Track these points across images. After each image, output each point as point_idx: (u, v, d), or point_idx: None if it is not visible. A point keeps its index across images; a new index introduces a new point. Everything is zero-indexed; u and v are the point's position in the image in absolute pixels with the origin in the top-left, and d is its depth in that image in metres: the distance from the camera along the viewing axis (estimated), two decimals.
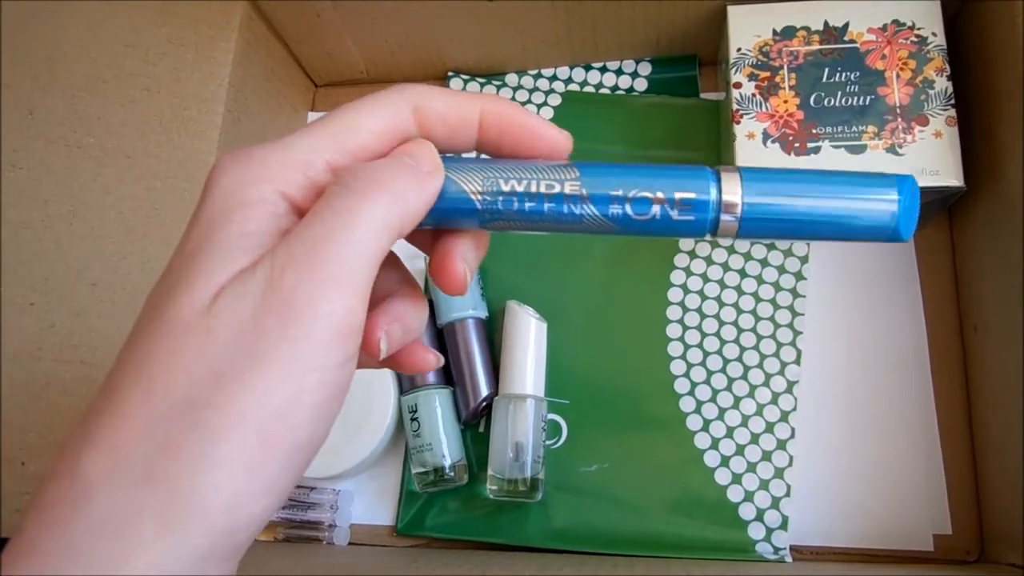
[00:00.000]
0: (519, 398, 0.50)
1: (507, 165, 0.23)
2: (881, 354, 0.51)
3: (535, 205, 0.22)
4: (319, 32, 0.58)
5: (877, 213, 0.22)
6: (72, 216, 0.48)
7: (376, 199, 0.20)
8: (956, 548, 0.47)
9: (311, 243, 0.19)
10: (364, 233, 0.20)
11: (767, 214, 0.22)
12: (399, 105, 0.22)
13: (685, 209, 0.22)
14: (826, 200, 0.22)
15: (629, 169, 0.23)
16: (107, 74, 0.51)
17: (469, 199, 0.22)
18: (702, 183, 0.22)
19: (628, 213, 0.22)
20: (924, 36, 0.48)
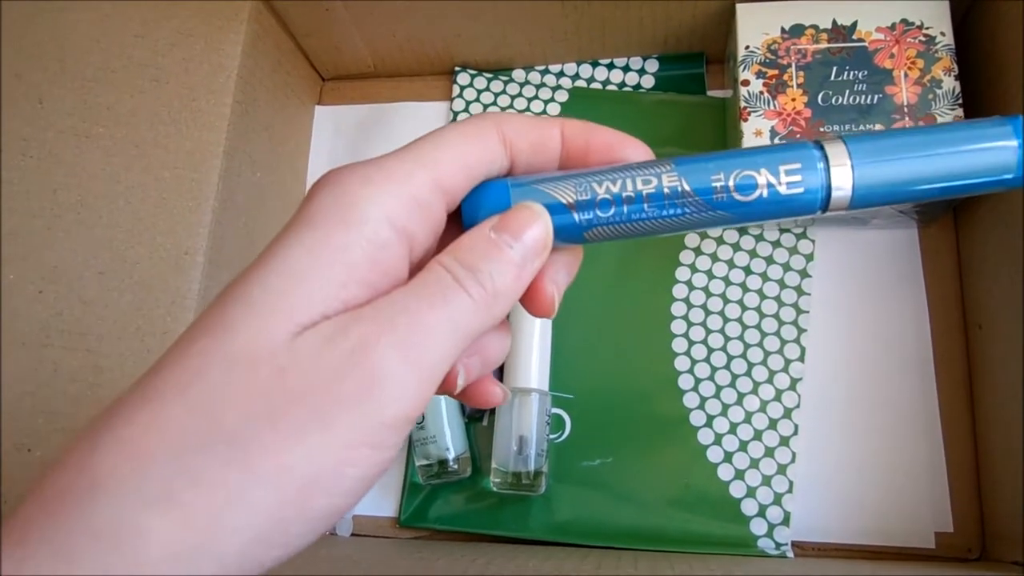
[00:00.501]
0: (524, 392, 0.50)
1: (597, 170, 0.22)
2: (885, 352, 0.51)
3: (634, 206, 0.21)
4: (327, 26, 0.58)
5: (998, 161, 0.21)
6: (81, 205, 0.48)
7: (478, 302, 0.20)
8: (958, 546, 0.47)
9: (414, 322, 0.19)
10: (462, 332, 0.20)
11: (879, 183, 0.21)
12: (486, 126, 0.22)
13: (793, 182, 0.21)
14: (940, 157, 0.21)
15: (726, 154, 0.22)
16: (117, 65, 0.51)
17: (565, 211, 0.21)
18: (807, 154, 0.21)
19: (733, 196, 0.21)
20: (932, 36, 0.48)
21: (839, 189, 0.21)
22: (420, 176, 0.20)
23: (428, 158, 0.21)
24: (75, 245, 0.48)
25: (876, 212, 0.50)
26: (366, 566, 0.44)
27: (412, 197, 0.20)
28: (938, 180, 0.21)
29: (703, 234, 0.55)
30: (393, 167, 0.20)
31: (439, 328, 0.19)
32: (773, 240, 0.54)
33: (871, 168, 0.21)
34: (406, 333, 0.19)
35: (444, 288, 0.20)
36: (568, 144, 0.23)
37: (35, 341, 0.46)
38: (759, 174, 0.21)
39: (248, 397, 0.18)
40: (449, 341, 0.20)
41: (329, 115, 0.64)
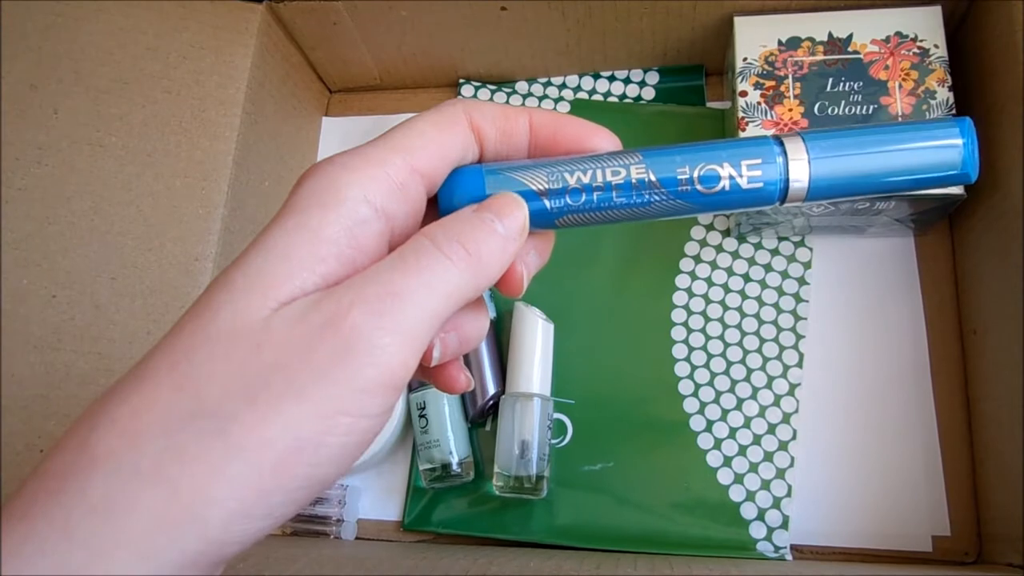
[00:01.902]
0: (526, 397, 0.51)
1: (568, 160, 0.23)
2: (882, 357, 0.51)
3: (603, 194, 0.22)
4: (334, 39, 0.60)
5: (944, 158, 0.22)
6: (94, 212, 0.49)
7: (460, 267, 0.20)
8: (955, 549, 0.48)
9: (386, 289, 0.19)
10: (440, 297, 0.20)
11: (834, 176, 0.22)
12: (455, 112, 0.23)
13: (754, 177, 0.22)
14: (891, 153, 0.22)
15: (691, 147, 0.23)
16: (130, 76, 0.52)
17: (537, 198, 0.22)
18: (767, 149, 0.22)
19: (697, 189, 0.22)
20: (926, 48, 0.49)
21: (796, 182, 0.22)
22: (396, 161, 0.21)
23: (403, 144, 0.22)
24: (88, 251, 0.49)
25: (872, 220, 0.51)
26: (370, 565, 0.44)
27: (389, 178, 0.21)
28: (890, 175, 0.22)
29: (703, 242, 0.56)
30: (370, 153, 0.21)
31: (416, 293, 0.19)
32: (772, 248, 0.55)
33: (827, 163, 0.22)
34: (378, 299, 0.19)
35: (421, 255, 0.20)
36: (536, 132, 0.24)
37: (48, 344, 0.47)
38: (722, 167, 0.22)
39: (227, 374, 0.18)
40: (428, 305, 0.20)
41: (336, 126, 0.66)
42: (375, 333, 0.19)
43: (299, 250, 0.20)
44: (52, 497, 0.17)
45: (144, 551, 0.17)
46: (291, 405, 0.18)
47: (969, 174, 0.22)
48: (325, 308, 0.19)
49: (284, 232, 0.20)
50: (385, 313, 0.19)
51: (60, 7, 0.53)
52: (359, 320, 0.19)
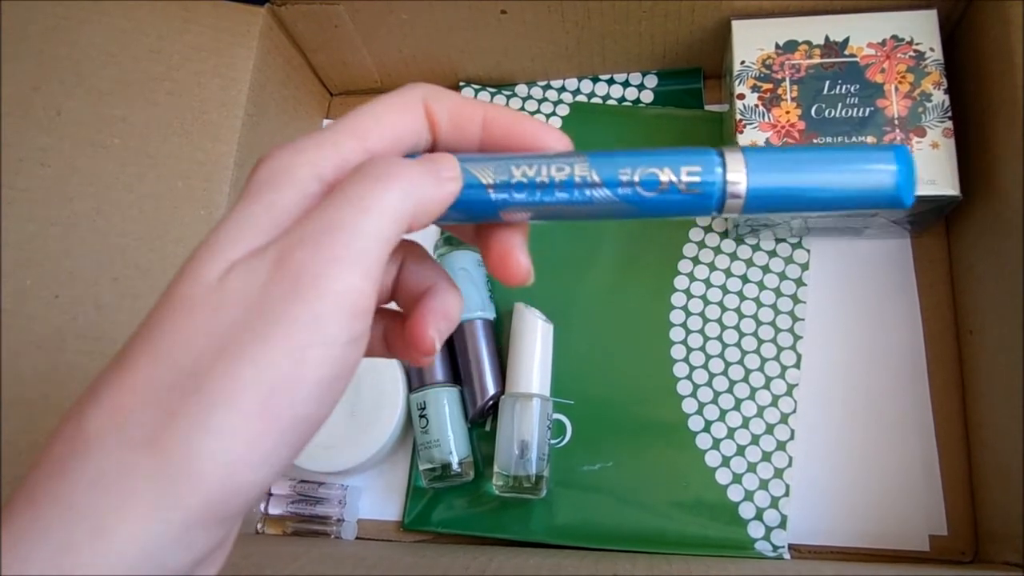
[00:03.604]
0: (525, 397, 0.51)
1: (517, 156, 0.24)
2: (879, 358, 0.52)
3: (547, 191, 0.23)
4: (335, 41, 0.60)
5: (878, 183, 0.23)
6: (96, 213, 0.50)
7: (392, 186, 0.21)
8: (952, 549, 0.48)
9: (324, 223, 0.20)
10: (377, 217, 0.20)
11: (771, 191, 0.23)
12: (412, 98, 0.23)
13: (692, 185, 0.23)
14: (827, 175, 0.23)
15: (636, 153, 0.23)
16: (132, 78, 0.53)
17: (482, 188, 0.23)
18: (708, 159, 0.23)
19: (638, 192, 0.23)
20: (922, 51, 0.50)
21: (734, 196, 0.23)
22: (349, 143, 0.22)
23: (356, 127, 0.22)
24: (90, 252, 0.49)
25: (869, 222, 0.51)
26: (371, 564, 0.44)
27: (342, 159, 0.22)
28: (825, 193, 0.23)
29: (701, 243, 0.56)
30: (323, 136, 0.22)
31: (354, 219, 0.20)
32: (769, 249, 0.55)
33: (764, 178, 0.23)
34: (318, 233, 0.20)
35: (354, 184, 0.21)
36: (489, 129, 0.24)
37: (51, 345, 0.47)
38: (663, 172, 0.23)
39: (195, 336, 0.19)
40: (368, 228, 0.20)
41: None
42: (320, 265, 0.19)
43: (253, 219, 0.20)
44: (52, 479, 0.18)
45: (148, 517, 0.17)
46: (258, 350, 0.18)
47: (902, 198, 0.23)
48: (270, 254, 0.19)
49: (238, 210, 0.21)
50: (324, 244, 0.19)
51: (62, 9, 0.53)
52: (302, 255, 0.19)
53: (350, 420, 0.53)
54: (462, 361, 0.54)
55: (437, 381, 0.53)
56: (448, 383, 0.54)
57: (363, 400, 0.53)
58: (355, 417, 0.53)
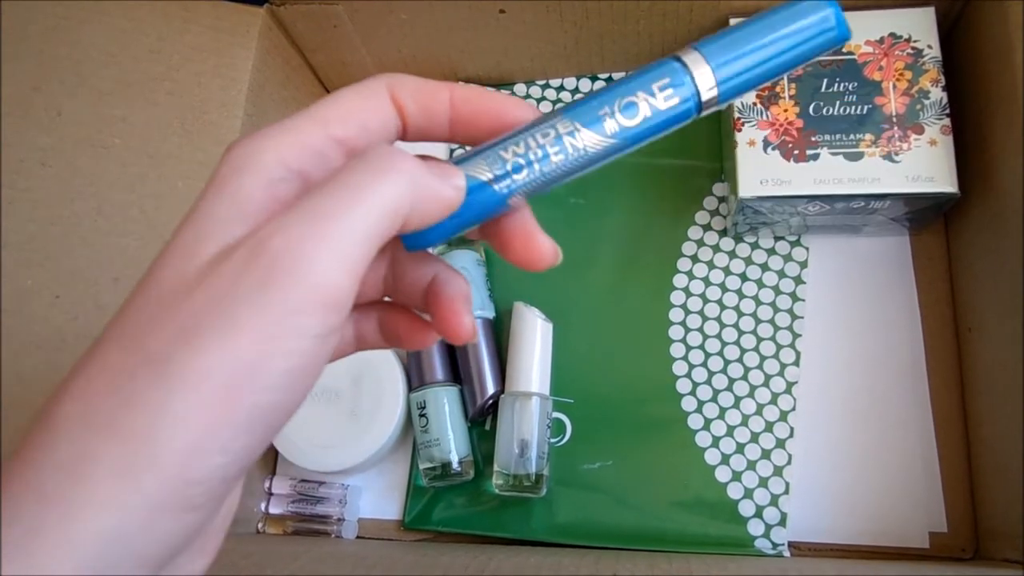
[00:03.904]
0: (525, 396, 0.51)
1: (499, 139, 0.24)
2: (878, 355, 0.52)
3: (541, 156, 0.23)
4: (334, 41, 0.60)
5: (823, 30, 0.24)
6: (97, 213, 0.50)
7: (391, 178, 0.20)
8: (952, 546, 0.48)
9: (309, 212, 0.19)
10: (368, 209, 0.19)
11: (737, 75, 0.24)
12: (377, 85, 0.23)
13: (668, 95, 0.23)
14: (777, 39, 0.24)
15: (604, 90, 0.24)
16: (132, 78, 0.53)
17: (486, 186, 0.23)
18: (671, 68, 0.24)
19: (622, 123, 0.23)
20: (920, 48, 0.50)
21: (707, 90, 0.24)
22: (312, 129, 0.22)
23: (320, 115, 0.22)
24: (91, 252, 0.49)
25: (868, 220, 0.51)
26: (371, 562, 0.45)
27: (305, 145, 0.21)
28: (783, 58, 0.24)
29: (700, 242, 0.56)
30: (288, 123, 0.22)
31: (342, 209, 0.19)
32: (768, 247, 0.55)
33: (727, 67, 0.24)
34: (301, 221, 0.19)
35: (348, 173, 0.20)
36: (457, 108, 0.24)
37: (51, 345, 0.47)
38: (637, 97, 0.23)
39: (166, 324, 0.19)
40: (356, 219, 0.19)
41: None
42: (299, 254, 0.19)
43: (222, 209, 0.20)
44: (24, 465, 0.18)
45: (109, 500, 0.17)
46: (225, 336, 0.18)
47: (846, 34, 0.25)
48: (249, 241, 0.19)
49: (205, 199, 0.21)
50: (308, 233, 0.19)
51: (62, 9, 0.53)
52: (281, 244, 0.19)
53: (350, 420, 0.53)
54: (462, 360, 0.54)
55: (437, 380, 0.54)
56: (448, 382, 0.54)
57: (363, 399, 0.53)
58: (355, 417, 0.53)
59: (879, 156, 0.48)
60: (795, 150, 0.49)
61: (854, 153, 0.48)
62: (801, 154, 0.49)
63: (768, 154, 0.49)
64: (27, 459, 0.18)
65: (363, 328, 0.27)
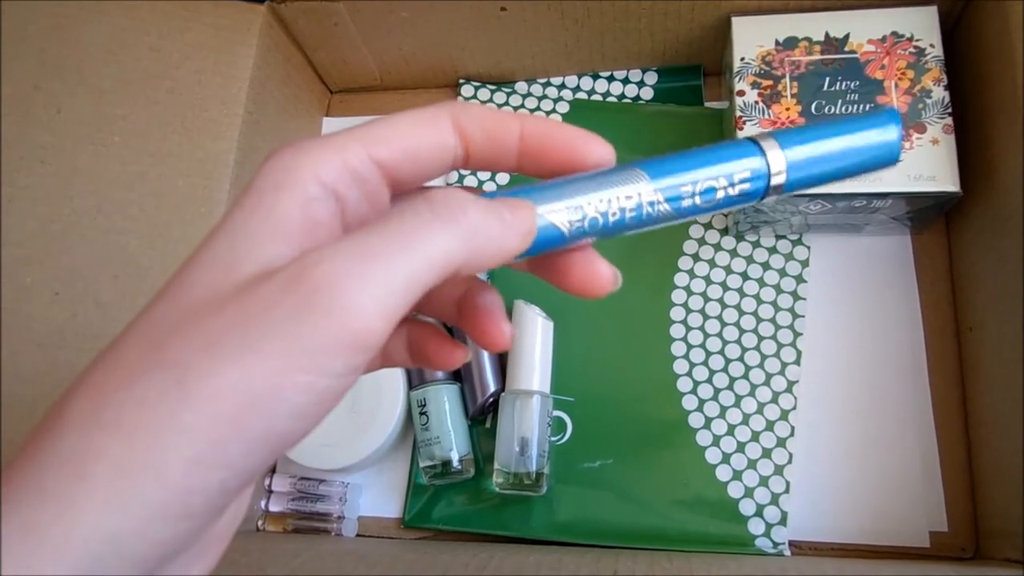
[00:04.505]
0: (525, 394, 0.51)
1: (578, 183, 0.23)
2: (879, 354, 0.52)
3: (619, 219, 0.23)
4: (335, 39, 0.60)
5: (886, 148, 0.25)
6: (97, 211, 0.50)
7: (451, 230, 0.19)
8: (952, 545, 0.48)
9: (359, 250, 0.19)
10: (418, 259, 0.19)
11: (803, 175, 0.24)
12: (440, 113, 0.22)
13: (743, 188, 0.24)
14: (845, 148, 0.24)
15: (690, 158, 0.24)
16: (132, 76, 0.53)
17: (558, 230, 0.23)
18: (754, 160, 0.24)
19: (698, 204, 0.24)
20: (922, 47, 0.50)
21: (776, 185, 0.24)
22: (354, 148, 0.21)
23: (369, 136, 0.21)
24: (91, 250, 0.49)
25: (869, 219, 0.51)
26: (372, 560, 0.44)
27: (344, 163, 0.21)
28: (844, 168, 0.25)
29: (701, 240, 0.56)
30: (330, 140, 0.21)
31: (393, 252, 0.19)
32: (769, 246, 0.55)
33: (799, 166, 0.24)
34: (348, 257, 0.19)
35: (406, 215, 0.19)
36: (527, 140, 0.23)
37: (51, 343, 0.47)
38: (718, 183, 0.24)
39: (190, 332, 0.19)
40: (404, 266, 0.19)
41: (336, 127, 0.66)
42: (339, 291, 0.18)
43: (260, 226, 0.20)
44: (29, 460, 0.18)
45: (109, 500, 0.17)
46: (246, 358, 0.18)
47: (898, 156, 0.25)
48: (292, 267, 0.19)
49: (243, 211, 0.20)
50: (353, 271, 0.18)
51: (63, 8, 0.53)
52: (323, 277, 0.18)
53: (350, 417, 0.53)
54: None
55: (437, 378, 0.54)
56: (448, 380, 0.54)
57: (363, 398, 0.53)
58: (355, 414, 0.53)
59: None
60: None
61: None
62: None
63: None
64: (32, 452, 0.18)
65: (391, 347, 0.27)
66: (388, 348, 0.27)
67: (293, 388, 0.18)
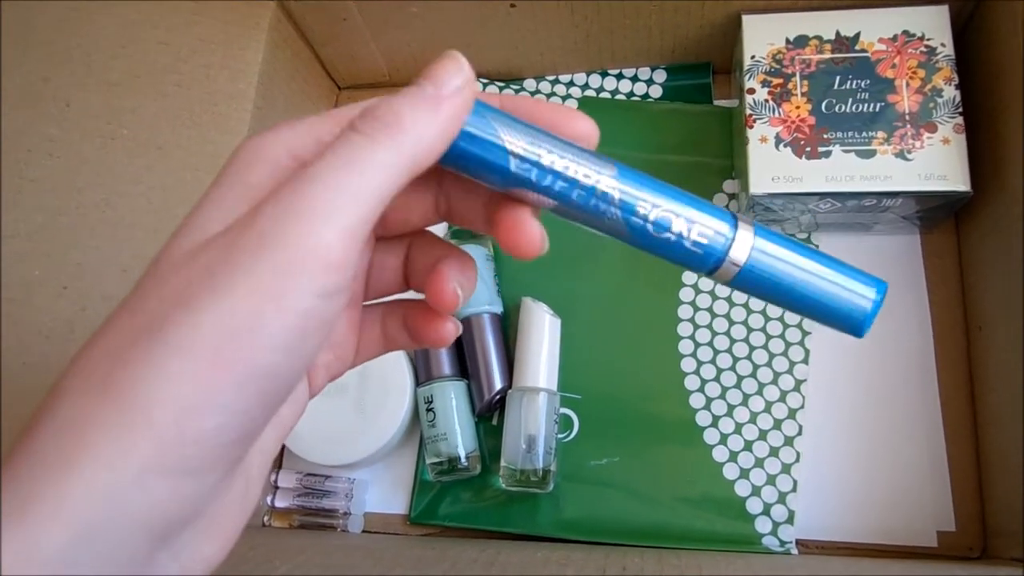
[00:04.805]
0: (532, 391, 0.51)
1: (553, 140, 0.23)
2: (888, 354, 0.52)
3: (566, 188, 0.22)
4: (344, 35, 0.60)
5: (854, 305, 0.23)
6: (105, 204, 0.50)
7: (379, 141, 0.20)
8: (960, 545, 0.48)
9: (302, 179, 0.20)
10: (360, 173, 0.20)
11: (764, 272, 0.23)
12: None
13: (699, 242, 0.23)
14: (816, 277, 0.23)
15: (664, 187, 0.23)
16: (141, 70, 0.53)
17: (506, 157, 0.22)
18: (722, 224, 0.23)
19: (647, 228, 0.23)
20: (933, 46, 0.49)
21: (729, 267, 0.23)
22: (326, 125, 0.22)
23: (340, 113, 0.22)
24: (99, 243, 0.49)
25: (879, 217, 0.51)
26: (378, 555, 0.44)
27: (316, 139, 0.22)
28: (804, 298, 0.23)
29: None
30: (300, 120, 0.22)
31: (334, 178, 0.20)
32: None
33: (762, 265, 0.23)
34: (293, 191, 0.20)
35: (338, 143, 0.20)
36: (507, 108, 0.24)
37: (60, 336, 0.47)
38: (677, 220, 0.23)
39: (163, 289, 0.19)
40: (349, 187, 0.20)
41: None
42: (289, 219, 0.19)
43: (230, 193, 0.21)
44: (25, 433, 0.19)
45: (103, 458, 0.17)
46: (218, 296, 0.18)
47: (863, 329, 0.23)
48: (246, 215, 0.20)
49: (217, 187, 0.21)
50: (295, 200, 0.19)
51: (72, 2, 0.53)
52: (272, 211, 0.19)
53: (357, 414, 0.53)
54: (469, 355, 0.54)
55: (444, 375, 0.53)
56: (455, 377, 0.54)
57: (370, 394, 0.53)
58: (362, 411, 0.53)
59: (891, 154, 0.48)
60: (807, 147, 0.49)
61: (866, 151, 0.48)
62: (813, 151, 0.49)
63: (780, 151, 0.49)
64: (29, 430, 0.19)
65: (390, 327, 0.27)
66: (388, 330, 0.27)
67: (268, 314, 0.19)
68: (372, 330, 0.27)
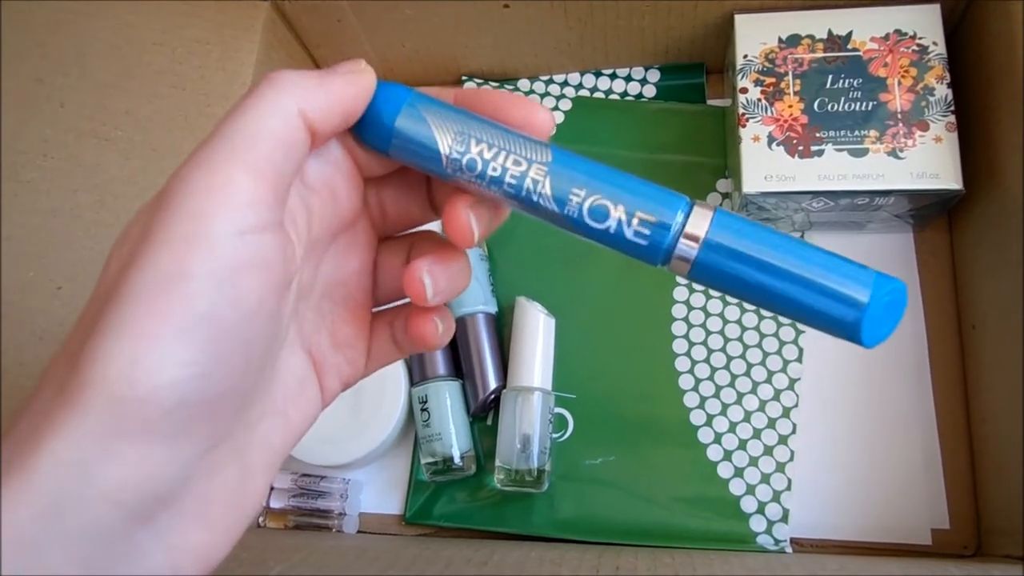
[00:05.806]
0: (527, 391, 0.51)
1: (486, 127, 0.22)
2: (881, 352, 0.52)
3: (497, 176, 0.22)
4: (338, 36, 0.60)
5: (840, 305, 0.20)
6: (100, 206, 0.50)
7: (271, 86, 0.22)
8: (954, 543, 0.48)
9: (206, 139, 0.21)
10: (251, 113, 0.21)
11: (724, 263, 0.20)
12: None
13: (641, 231, 0.21)
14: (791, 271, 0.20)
15: (602, 172, 0.21)
16: (136, 71, 0.53)
17: (436, 146, 0.22)
18: (668, 210, 0.21)
19: (583, 217, 0.21)
20: (925, 45, 0.50)
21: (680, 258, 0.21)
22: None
23: None
24: (93, 244, 0.49)
25: (872, 216, 0.51)
26: (373, 555, 0.44)
27: None
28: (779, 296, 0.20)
29: None
30: None
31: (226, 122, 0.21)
32: None
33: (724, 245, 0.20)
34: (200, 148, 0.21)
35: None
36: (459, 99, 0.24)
37: (53, 337, 0.47)
38: (615, 208, 0.21)
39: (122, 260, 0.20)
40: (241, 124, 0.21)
41: None
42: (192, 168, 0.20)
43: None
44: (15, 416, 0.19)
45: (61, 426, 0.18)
46: (146, 256, 0.19)
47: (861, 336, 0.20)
48: None
49: None
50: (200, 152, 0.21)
51: (66, 2, 0.53)
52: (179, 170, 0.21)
53: (352, 414, 0.53)
54: (464, 355, 0.54)
55: (439, 375, 0.53)
56: (450, 377, 0.54)
57: (364, 394, 0.53)
58: (356, 411, 0.53)
59: (884, 153, 0.48)
60: (800, 146, 0.49)
61: (859, 149, 0.48)
62: (806, 150, 0.49)
63: (773, 150, 0.49)
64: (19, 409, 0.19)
65: (398, 332, 0.27)
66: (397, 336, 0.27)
67: (189, 260, 0.19)
68: (383, 335, 0.27)
